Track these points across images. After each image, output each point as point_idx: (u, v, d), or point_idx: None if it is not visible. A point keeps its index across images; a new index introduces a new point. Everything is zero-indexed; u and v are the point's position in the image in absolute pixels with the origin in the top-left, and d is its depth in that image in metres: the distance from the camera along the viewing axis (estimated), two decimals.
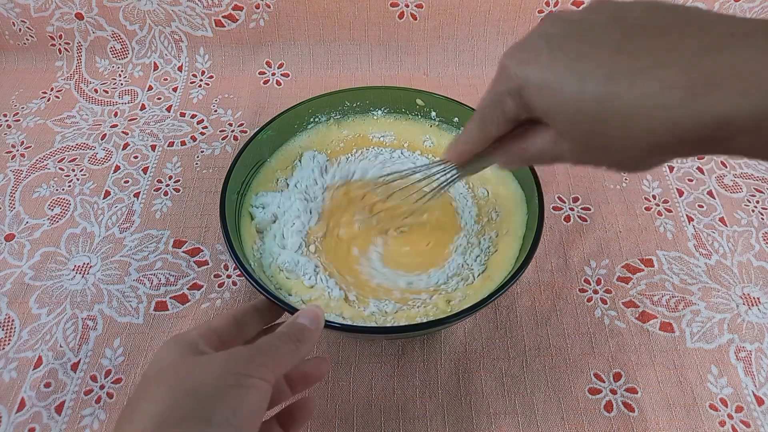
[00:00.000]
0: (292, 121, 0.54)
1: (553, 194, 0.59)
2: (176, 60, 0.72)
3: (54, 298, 0.50)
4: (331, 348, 0.48)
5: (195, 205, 0.58)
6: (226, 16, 0.70)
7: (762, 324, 0.49)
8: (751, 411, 0.45)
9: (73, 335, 0.48)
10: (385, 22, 0.70)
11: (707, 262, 0.54)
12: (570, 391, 0.46)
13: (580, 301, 0.51)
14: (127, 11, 0.69)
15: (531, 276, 0.52)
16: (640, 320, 0.50)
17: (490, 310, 0.50)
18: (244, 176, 0.50)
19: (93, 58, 0.72)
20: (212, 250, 0.54)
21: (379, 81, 0.71)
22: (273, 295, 0.39)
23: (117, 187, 0.59)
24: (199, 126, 0.66)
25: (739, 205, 0.58)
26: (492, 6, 0.69)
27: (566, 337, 0.49)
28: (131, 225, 0.56)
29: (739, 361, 0.47)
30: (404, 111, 0.57)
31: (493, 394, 0.46)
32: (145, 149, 0.63)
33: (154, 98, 0.69)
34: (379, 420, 0.44)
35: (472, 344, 0.48)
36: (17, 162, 0.62)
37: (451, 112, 0.55)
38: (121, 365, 0.47)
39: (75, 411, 0.44)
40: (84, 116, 0.67)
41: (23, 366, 0.46)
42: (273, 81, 0.71)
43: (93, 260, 0.53)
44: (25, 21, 0.69)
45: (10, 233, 0.55)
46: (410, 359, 0.47)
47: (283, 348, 0.31)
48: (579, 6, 0.69)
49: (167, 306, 0.50)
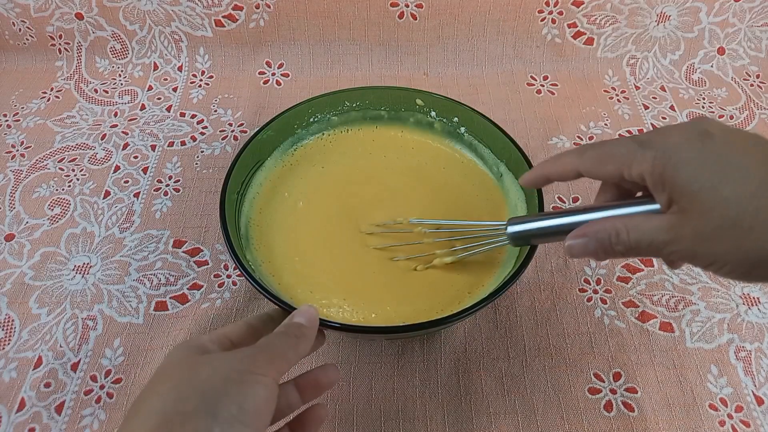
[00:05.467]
0: (292, 121, 0.54)
1: (553, 194, 0.59)
2: (176, 60, 0.72)
3: (54, 298, 0.50)
4: (331, 348, 0.48)
5: (195, 205, 0.58)
6: (226, 16, 0.70)
7: (762, 324, 0.49)
8: (751, 411, 0.45)
9: (73, 335, 0.48)
10: (385, 22, 0.70)
11: None
12: (570, 390, 0.46)
13: (580, 301, 0.51)
14: (127, 11, 0.69)
15: (531, 276, 0.52)
16: (639, 320, 0.50)
17: (490, 310, 0.50)
18: (244, 176, 0.51)
19: (93, 58, 0.72)
20: (212, 250, 0.54)
21: (379, 81, 0.71)
22: (273, 295, 0.39)
23: (117, 187, 0.59)
24: (199, 126, 0.66)
25: None
26: (492, 6, 0.69)
27: (566, 337, 0.49)
28: (131, 225, 0.56)
29: (738, 360, 0.47)
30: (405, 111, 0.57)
31: (493, 394, 0.46)
32: (145, 149, 0.63)
33: (154, 98, 0.69)
34: (379, 420, 0.44)
35: (472, 344, 0.48)
36: (17, 162, 0.62)
37: (451, 112, 0.55)
38: (121, 365, 0.47)
39: (75, 411, 0.44)
40: (84, 116, 0.67)
41: (23, 366, 0.46)
42: (273, 81, 0.71)
43: (93, 260, 0.53)
44: (25, 21, 0.69)
45: (10, 233, 0.55)
46: (410, 359, 0.47)
47: (283, 346, 0.32)
48: (578, 6, 0.69)
49: (167, 306, 0.50)
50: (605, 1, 0.69)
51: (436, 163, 0.55)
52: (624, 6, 0.69)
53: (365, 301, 0.45)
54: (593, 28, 0.71)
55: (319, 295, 0.45)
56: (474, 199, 0.53)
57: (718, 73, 0.73)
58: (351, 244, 0.48)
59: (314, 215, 0.51)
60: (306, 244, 0.49)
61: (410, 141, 0.57)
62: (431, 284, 0.46)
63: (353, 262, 0.47)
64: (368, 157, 0.56)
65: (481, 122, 0.53)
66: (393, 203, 0.51)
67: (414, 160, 0.56)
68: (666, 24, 0.71)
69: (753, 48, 0.73)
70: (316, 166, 0.55)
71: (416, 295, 0.45)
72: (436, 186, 0.53)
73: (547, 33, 0.72)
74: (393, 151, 0.56)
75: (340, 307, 0.44)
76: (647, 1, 0.69)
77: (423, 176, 0.54)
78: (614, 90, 0.71)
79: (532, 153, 0.62)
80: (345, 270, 0.47)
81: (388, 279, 0.46)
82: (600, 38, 0.72)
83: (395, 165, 0.55)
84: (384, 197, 0.52)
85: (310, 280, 0.46)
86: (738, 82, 0.72)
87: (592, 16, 0.70)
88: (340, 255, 0.48)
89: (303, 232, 0.49)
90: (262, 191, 0.52)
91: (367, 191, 0.53)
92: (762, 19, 0.71)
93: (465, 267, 0.47)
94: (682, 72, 0.73)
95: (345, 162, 0.55)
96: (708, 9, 0.70)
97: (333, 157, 0.56)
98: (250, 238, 0.49)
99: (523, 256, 0.43)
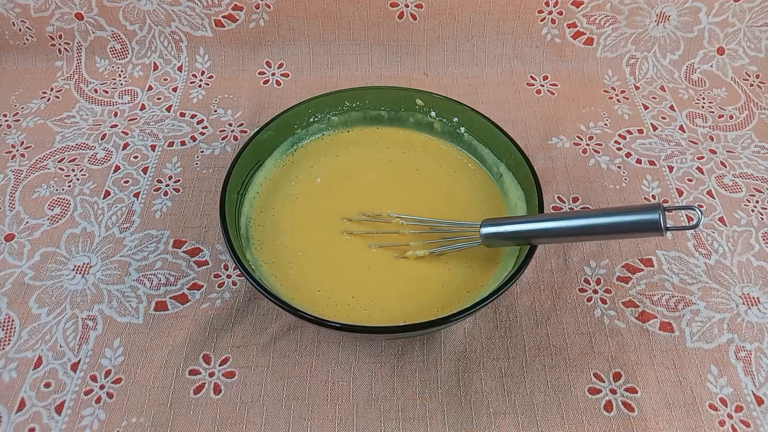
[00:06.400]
0: (292, 120, 0.54)
1: (552, 194, 0.59)
2: (176, 60, 0.72)
3: (54, 298, 0.50)
4: (331, 348, 0.48)
5: (195, 205, 0.58)
6: (226, 16, 0.70)
7: (762, 324, 0.49)
8: (751, 411, 0.45)
9: (73, 335, 0.48)
10: (385, 22, 0.70)
11: (707, 261, 0.54)
12: (570, 390, 0.46)
13: (580, 301, 0.51)
14: (127, 11, 0.69)
15: (531, 276, 0.52)
16: (639, 320, 0.50)
17: (489, 310, 0.50)
18: (244, 176, 0.51)
19: (93, 58, 0.72)
20: (212, 250, 0.54)
21: (379, 81, 0.71)
22: (273, 295, 0.39)
23: (117, 187, 0.59)
24: (199, 126, 0.66)
25: (738, 205, 0.58)
26: (492, 6, 0.69)
27: (566, 337, 0.49)
28: (131, 225, 0.56)
29: (738, 360, 0.47)
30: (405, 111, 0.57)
31: (493, 394, 0.46)
32: (145, 149, 0.63)
33: (154, 98, 0.69)
34: (379, 420, 0.44)
35: (472, 344, 0.48)
36: (17, 162, 0.62)
37: (451, 112, 0.55)
38: (121, 365, 0.47)
39: (75, 411, 0.44)
40: (84, 116, 0.67)
41: (23, 366, 0.46)
42: (273, 81, 0.71)
43: (93, 260, 0.53)
44: (25, 21, 0.69)
45: (10, 233, 0.55)
46: (410, 359, 0.47)
47: None
48: (578, 6, 0.69)
49: (167, 306, 0.50)
50: (605, 1, 0.69)
51: (436, 163, 0.55)
52: (624, 6, 0.69)
53: (372, 298, 0.45)
54: (593, 28, 0.71)
55: (324, 294, 0.45)
56: (474, 199, 0.53)
57: (718, 73, 0.73)
58: (352, 243, 0.49)
59: (315, 215, 0.51)
60: (308, 243, 0.49)
61: (410, 141, 0.57)
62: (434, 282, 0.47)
63: (356, 260, 0.48)
64: (368, 157, 0.56)
65: (481, 122, 0.53)
66: (393, 203, 0.52)
67: (414, 161, 0.56)
68: (666, 24, 0.71)
69: (753, 48, 0.73)
70: (316, 166, 0.55)
71: (420, 292, 0.46)
72: (436, 186, 0.53)
73: (546, 33, 0.72)
74: (393, 151, 0.57)
75: (347, 304, 0.45)
76: (647, 1, 0.69)
77: (423, 176, 0.54)
78: (614, 90, 0.71)
79: (532, 153, 0.62)
80: (349, 269, 0.47)
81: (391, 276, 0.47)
82: (600, 38, 0.72)
83: (395, 165, 0.55)
84: (384, 197, 0.52)
85: (316, 280, 0.46)
86: (738, 82, 0.72)
87: (591, 16, 0.70)
88: (343, 254, 0.48)
89: (305, 233, 0.50)
90: (263, 191, 0.53)
91: (368, 191, 0.53)
92: (762, 19, 0.71)
93: (464, 266, 0.48)
94: (681, 72, 0.73)
95: (345, 162, 0.55)
96: (708, 9, 0.70)
97: (333, 157, 0.56)
98: (251, 238, 0.49)
99: (523, 256, 0.43)
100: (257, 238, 0.49)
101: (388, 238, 0.49)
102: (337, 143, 0.57)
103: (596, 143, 0.64)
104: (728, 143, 0.65)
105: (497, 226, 0.44)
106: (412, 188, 0.53)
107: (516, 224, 0.43)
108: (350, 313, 0.45)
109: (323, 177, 0.54)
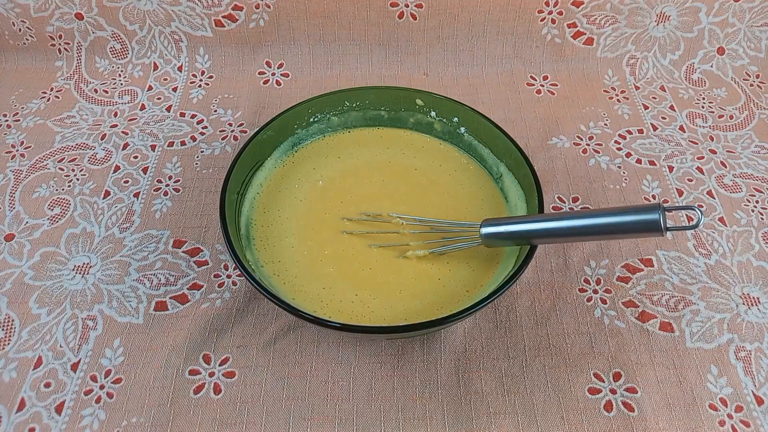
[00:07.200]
0: (292, 120, 0.54)
1: (552, 194, 0.59)
2: (176, 60, 0.72)
3: (54, 298, 0.50)
4: (331, 348, 0.48)
5: (195, 205, 0.58)
6: (226, 16, 0.70)
7: (762, 324, 0.49)
8: (751, 411, 0.45)
9: (73, 335, 0.48)
10: (385, 22, 0.70)
11: (707, 261, 0.54)
12: (570, 390, 0.46)
13: (580, 301, 0.51)
14: (127, 11, 0.69)
15: (531, 276, 0.52)
16: (639, 320, 0.50)
17: (490, 310, 0.50)
18: (244, 176, 0.51)
19: (93, 58, 0.72)
20: (212, 250, 0.54)
21: (379, 81, 0.71)
22: (273, 295, 0.39)
23: (117, 187, 0.59)
24: (199, 126, 0.66)
25: (738, 205, 0.58)
26: (492, 6, 0.69)
27: (566, 337, 0.49)
28: (131, 225, 0.56)
29: (738, 360, 0.47)
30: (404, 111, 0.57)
31: (493, 393, 0.46)
32: (145, 149, 0.63)
33: (154, 98, 0.69)
34: (379, 420, 0.44)
35: (472, 344, 0.48)
36: (17, 162, 0.62)
37: (451, 112, 0.55)
38: (121, 365, 0.47)
39: (75, 411, 0.44)
40: (84, 116, 0.67)
41: (23, 366, 0.46)
42: (273, 81, 0.71)
43: (93, 260, 0.53)
44: (25, 21, 0.69)
45: (10, 233, 0.55)
46: (410, 359, 0.47)
47: None
48: (578, 6, 0.69)
49: (167, 306, 0.50)
50: (605, 1, 0.69)
51: (436, 163, 0.55)
52: (624, 6, 0.69)
53: (373, 298, 0.46)
54: (593, 28, 0.71)
55: (326, 293, 0.46)
56: (474, 199, 0.53)
57: (718, 73, 0.73)
58: (353, 243, 0.49)
59: (317, 216, 0.51)
60: (311, 244, 0.49)
61: (410, 141, 0.57)
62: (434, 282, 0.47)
63: (357, 260, 0.48)
64: (369, 158, 0.56)
65: (481, 122, 0.53)
66: (393, 203, 0.52)
67: (414, 161, 0.56)
68: (666, 24, 0.71)
69: (753, 48, 0.73)
70: (316, 166, 0.55)
71: (420, 292, 0.46)
72: (436, 186, 0.54)
73: (546, 33, 0.72)
74: (393, 151, 0.57)
75: (351, 301, 0.45)
76: (647, 1, 0.69)
77: (423, 176, 0.54)
78: (614, 90, 0.71)
79: (532, 153, 0.62)
80: (351, 269, 0.47)
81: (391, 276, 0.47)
82: (600, 38, 0.72)
83: (395, 165, 0.55)
84: (384, 197, 0.52)
85: (318, 279, 0.47)
86: (738, 82, 0.72)
87: (591, 16, 0.70)
88: (345, 254, 0.48)
89: (307, 233, 0.50)
90: (263, 191, 0.53)
91: (368, 191, 0.53)
92: (762, 19, 0.71)
93: (464, 266, 0.48)
94: (681, 72, 0.73)
95: (346, 163, 0.55)
96: (708, 9, 0.70)
97: (334, 158, 0.56)
98: (252, 238, 0.49)
99: (523, 256, 0.43)
100: (260, 238, 0.49)
101: (389, 238, 0.49)
102: (337, 144, 0.57)
103: (596, 143, 0.64)
104: (728, 143, 0.65)
105: (497, 226, 0.44)
106: (413, 188, 0.53)
107: (516, 224, 0.43)
108: (351, 312, 0.45)
109: (325, 178, 0.54)
